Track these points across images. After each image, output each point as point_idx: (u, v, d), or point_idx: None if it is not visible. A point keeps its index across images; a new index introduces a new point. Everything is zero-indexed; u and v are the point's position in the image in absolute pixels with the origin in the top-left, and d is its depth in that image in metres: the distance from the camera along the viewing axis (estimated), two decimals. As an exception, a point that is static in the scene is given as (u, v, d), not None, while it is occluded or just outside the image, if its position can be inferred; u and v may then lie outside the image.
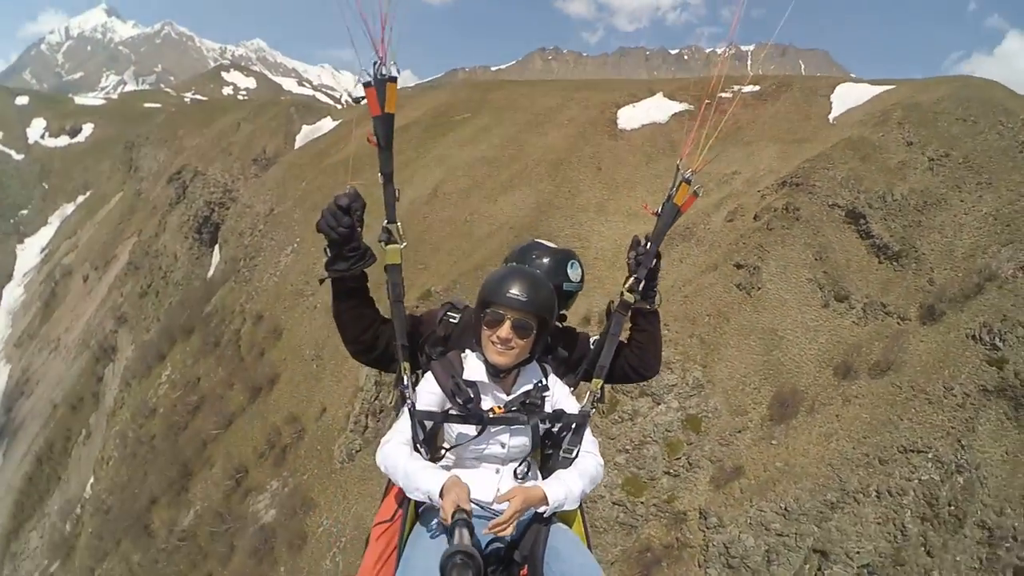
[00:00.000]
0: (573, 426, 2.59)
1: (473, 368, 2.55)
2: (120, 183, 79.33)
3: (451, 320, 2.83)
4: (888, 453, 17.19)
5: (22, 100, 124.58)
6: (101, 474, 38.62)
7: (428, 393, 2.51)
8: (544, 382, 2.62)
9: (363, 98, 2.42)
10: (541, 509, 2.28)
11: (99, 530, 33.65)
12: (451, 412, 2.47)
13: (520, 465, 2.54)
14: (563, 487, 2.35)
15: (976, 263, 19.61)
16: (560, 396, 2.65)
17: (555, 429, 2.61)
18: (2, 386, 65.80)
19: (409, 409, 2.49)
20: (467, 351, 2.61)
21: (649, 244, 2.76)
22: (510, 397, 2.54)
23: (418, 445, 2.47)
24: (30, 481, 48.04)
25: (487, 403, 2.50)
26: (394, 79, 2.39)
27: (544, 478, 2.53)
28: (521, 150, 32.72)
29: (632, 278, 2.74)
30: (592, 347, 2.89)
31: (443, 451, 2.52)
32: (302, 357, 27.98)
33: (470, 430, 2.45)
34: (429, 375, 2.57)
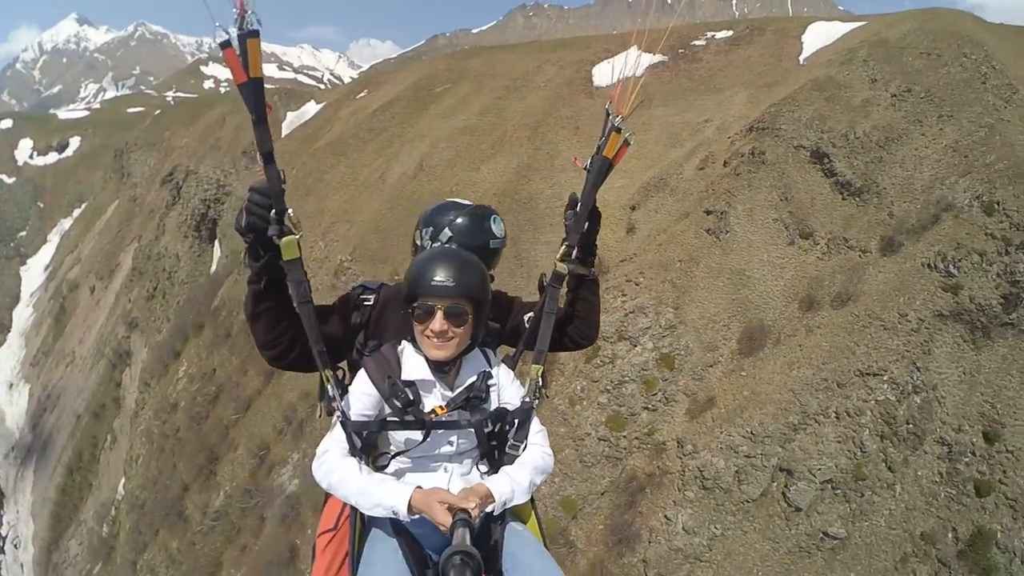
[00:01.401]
0: (517, 421, 2.55)
1: (412, 364, 2.45)
2: (114, 192, 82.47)
3: (366, 303, 2.76)
4: (846, 377, 19.61)
5: (6, 123, 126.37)
6: (132, 473, 42.10)
7: (363, 395, 2.41)
8: (488, 370, 2.55)
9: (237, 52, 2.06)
10: (489, 508, 2.26)
11: (136, 525, 37.21)
12: (390, 419, 2.39)
13: (467, 462, 2.54)
14: (509, 482, 2.36)
15: (934, 195, 21.74)
16: (505, 384, 2.60)
17: (500, 427, 2.55)
18: (24, 406, 69.97)
19: (341, 422, 2.38)
20: (404, 344, 2.50)
21: (579, 205, 2.72)
22: (454, 393, 2.47)
23: (357, 455, 2.37)
24: (63, 492, 52.03)
25: (429, 402, 2.42)
26: (255, 34, 2.04)
27: (492, 472, 2.55)
28: (501, 116, 35.31)
29: (564, 246, 2.71)
30: (527, 323, 2.83)
31: (389, 457, 2.48)
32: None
33: (416, 435, 2.39)
34: (363, 374, 2.45)
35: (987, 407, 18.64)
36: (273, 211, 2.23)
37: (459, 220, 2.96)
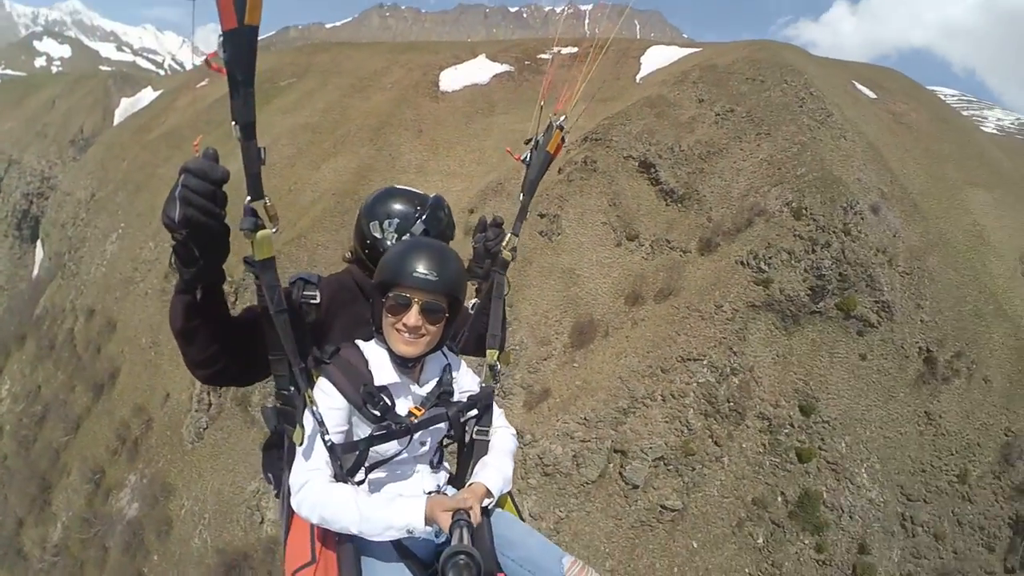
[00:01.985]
0: (482, 407, 2.48)
1: (379, 366, 2.24)
2: (-76, 182, 71.83)
3: (312, 302, 2.35)
4: (669, 363, 20.81)
5: None
6: (-39, 507, 37.53)
7: (332, 410, 2.13)
8: (450, 363, 2.44)
9: None
10: (486, 503, 2.20)
11: (-27, 567, 33.27)
12: (376, 434, 2.17)
13: (431, 458, 2.44)
14: (499, 474, 2.31)
15: (748, 201, 23.31)
16: (462, 373, 2.49)
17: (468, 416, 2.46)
18: None
19: (329, 447, 2.09)
20: (360, 342, 2.30)
21: (522, 196, 2.69)
22: (424, 391, 2.33)
23: (343, 479, 2.15)
24: None
25: (403, 405, 2.26)
26: None
27: (459, 461, 2.51)
28: (344, 115, 34.00)
29: (510, 235, 2.70)
30: (471, 309, 2.78)
31: (364, 471, 2.24)
32: (139, 346, 28.62)
33: (393, 445, 2.22)
34: (326, 385, 2.16)
35: (801, 384, 20.46)
36: (248, 199, 1.78)
37: (428, 212, 2.57)
